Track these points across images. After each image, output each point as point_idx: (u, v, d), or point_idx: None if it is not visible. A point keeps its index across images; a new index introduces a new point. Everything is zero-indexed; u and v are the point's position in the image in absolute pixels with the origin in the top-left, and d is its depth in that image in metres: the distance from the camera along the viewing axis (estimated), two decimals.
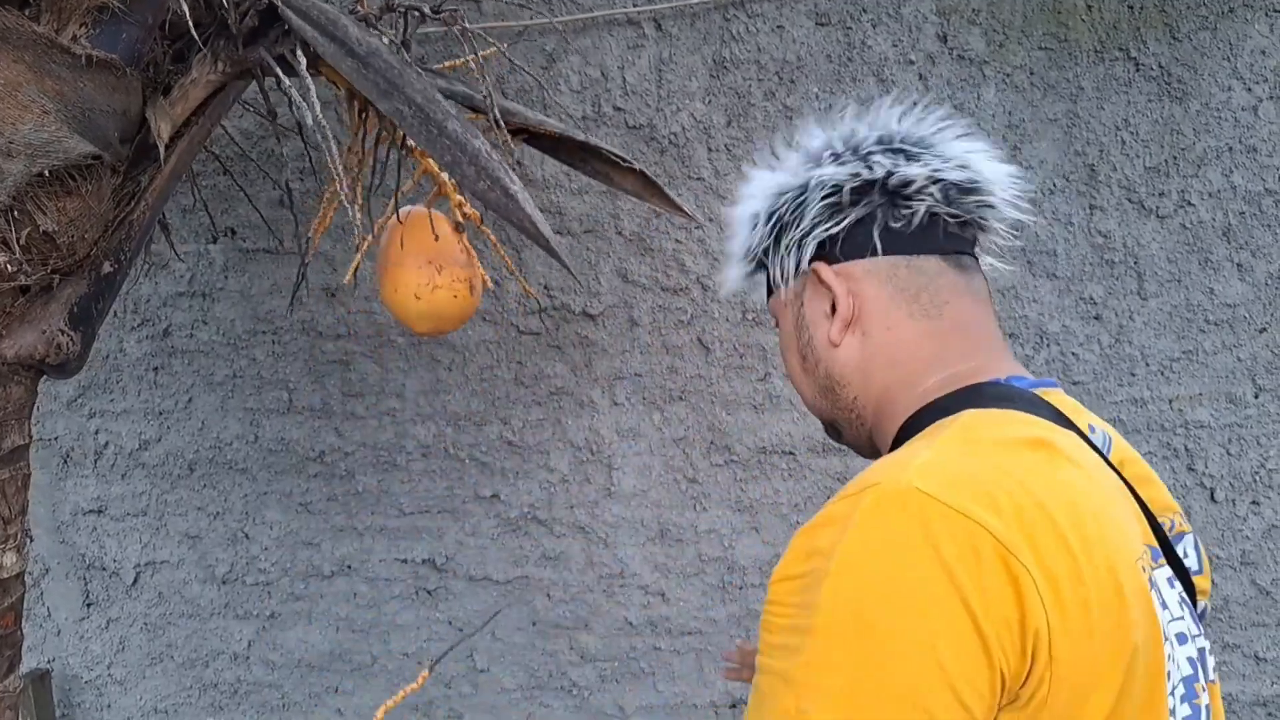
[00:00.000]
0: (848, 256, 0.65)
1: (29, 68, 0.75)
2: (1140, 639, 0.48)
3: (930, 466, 0.50)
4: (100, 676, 1.68)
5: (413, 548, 1.62)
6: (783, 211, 0.67)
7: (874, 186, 0.64)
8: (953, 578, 0.45)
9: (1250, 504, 1.57)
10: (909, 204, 0.63)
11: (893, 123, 0.67)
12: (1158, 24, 1.45)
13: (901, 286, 0.64)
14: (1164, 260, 1.51)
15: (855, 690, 0.45)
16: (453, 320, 1.13)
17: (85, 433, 1.61)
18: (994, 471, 0.50)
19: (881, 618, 0.46)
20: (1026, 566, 0.46)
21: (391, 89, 0.88)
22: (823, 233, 0.65)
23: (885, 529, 0.48)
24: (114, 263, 0.91)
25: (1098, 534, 0.49)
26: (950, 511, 0.47)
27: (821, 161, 0.66)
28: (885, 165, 0.64)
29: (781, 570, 0.52)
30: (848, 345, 0.66)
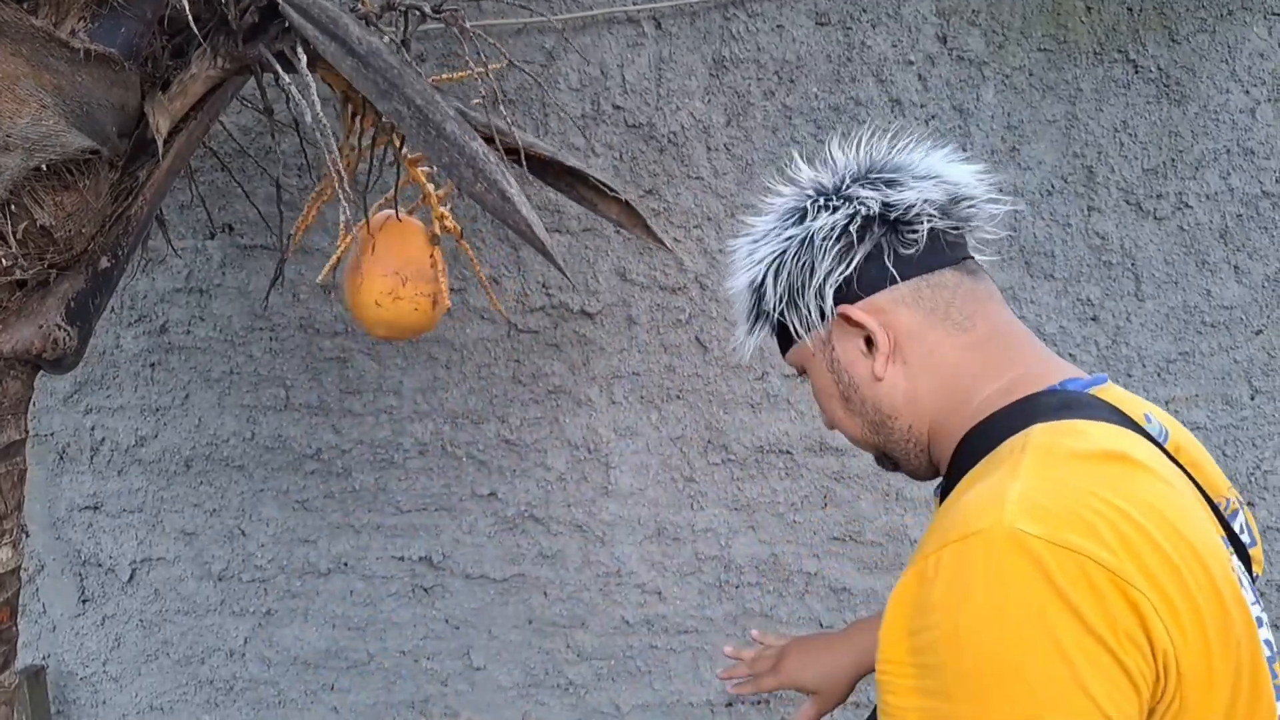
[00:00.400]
0: (869, 291, 0.66)
1: (27, 61, 0.74)
2: (1241, 634, 0.50)
3: (1025, 503, 0.50)
4: (95, 673, 1.67)
5: (409, 545, 1.62)
6: (790, 269, 0.68)
7: (874, 221, 0.66)
8: (1082, 617, 0.46)
9: (1246, 505, 1.58)
10: (911, 228, 0.65)
11: (855, 158, 0.69)
12: (1157, 26, 1.45)
13: (930, 307, 0.65)
14: (1161, 262, 1.52)
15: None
16: (409, 331, 1.14)
17: (81, 429, 1.60)
18: (1086, 496, 0.50)
19: (1028, 666, 0.46)
20: (1142, 591, 0.47)
21: (391, 89, 0.88)
22: (839, 277, 0.66)
23: (1004, 578, 0.48)
24: (111, 258, 0.90)
25: (1189, 541, 0.50)
26: (1060, 550, 0.48)
27: (808, 214, 0.68)
28: (876, 198, 0.65)
29: (894, 627, 0.52)
30: (892, 377, 0.66)
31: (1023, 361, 0.64)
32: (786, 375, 1.56)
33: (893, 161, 0.68)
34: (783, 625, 1.62)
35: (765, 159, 1.50)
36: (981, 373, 0.64)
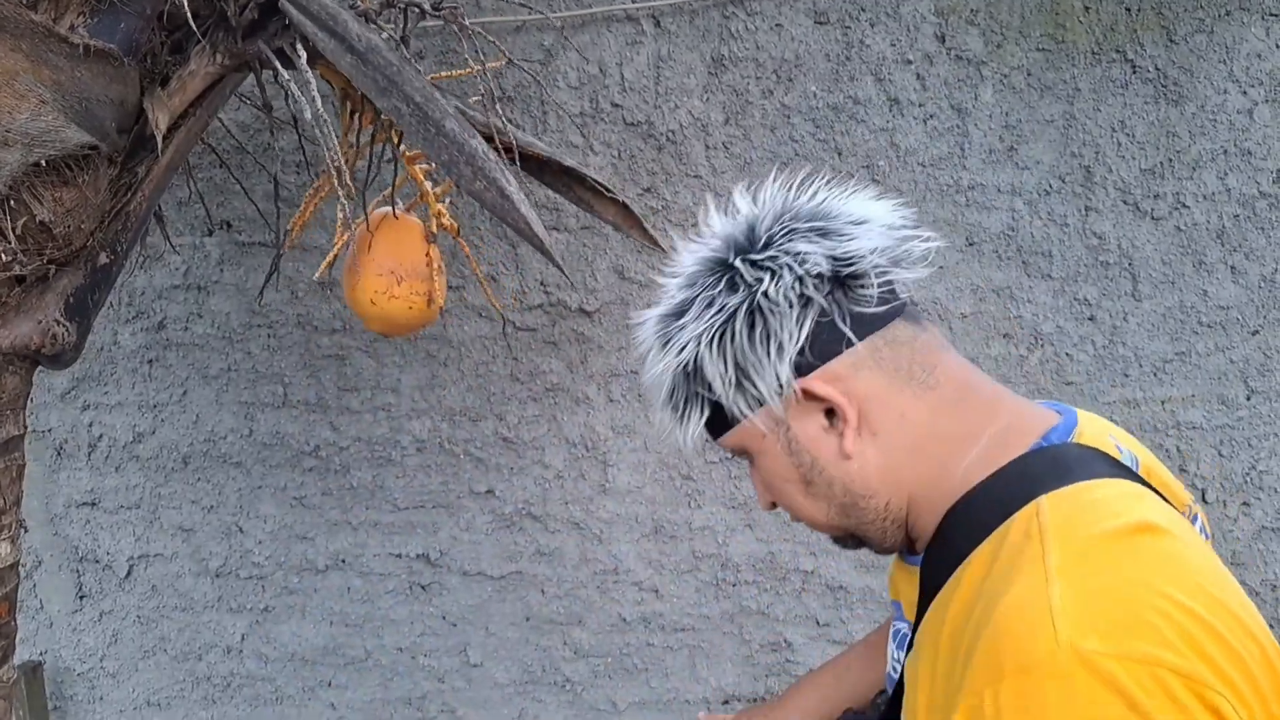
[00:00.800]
0: (823, 359, 0.58)
1: (26, 56, 0.74)
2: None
3: (1077, 614, 0.46)
4: (93, 669, 1.67)
5: (407, 543, 1.62)
6: (740, 343, 0.58)
7: (823, 278, 0.58)
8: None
9: (1241, 505, 1.58)
10: (862, 282, 0.58)
11: (771, 207, 0.62)
12: (1155, 26, 1.45)
13: (892, 367, 0.59)
14: (1158, 262, 1.52)
15: None
16: (405, 328, 1.15)
17: (79, 425, 1.60)
18: (1137, 591, 0.47)
19: None
20: (1218, 690, 0.45)
21: (390, 86, 0.88)
22: (794, 348, 0.58)
23: (1081, 710, 0.44)
24: (110, 254, 0.90)
25: (1234, 613, 0.48)
26: (1133, 665, 0.44)
27: (741, 276, 0.59)
28: (819, 251, 0.58)
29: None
30: (862, 452, 0.59)
31: (997, 415, 0.59)
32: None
33: (818, 209, 0.61)
34: (779, 624, 1.62)
35: (764, 157, 1.50)
36: (959, 434, 0.58)
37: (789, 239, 0.59)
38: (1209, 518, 1.59)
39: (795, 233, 0.59)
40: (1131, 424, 1.56)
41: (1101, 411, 1.56)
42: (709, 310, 0.60)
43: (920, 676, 0.55)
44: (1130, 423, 1.56)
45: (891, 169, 1.50)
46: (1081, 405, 1.58)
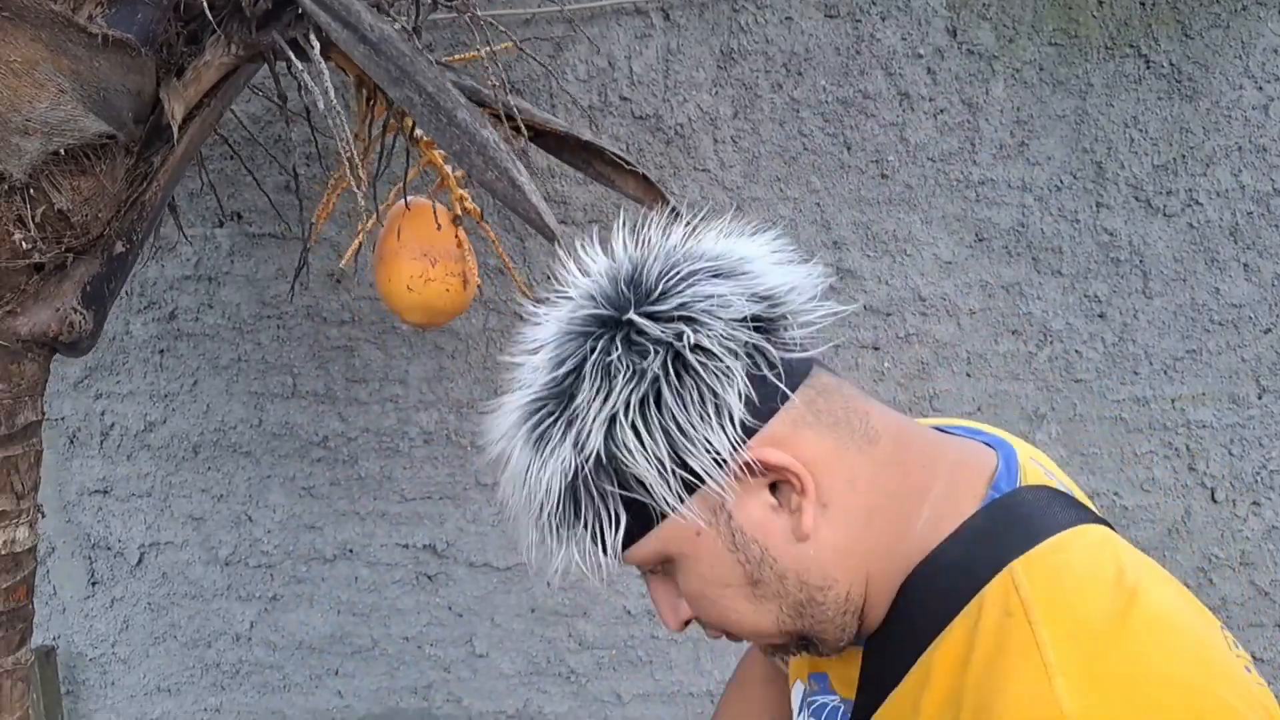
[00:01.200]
0: (763, 419, 0.49)
1: (46, 46, 0.75)
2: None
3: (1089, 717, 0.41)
4: (104, 654, 1.69)
5: (414, 533, 1.64)
6: (674, 416, 0.47)
7: (745, 323, 0.48)
8: None
9: (1251, 504, 1.58)
10: (785, 323, 0.50)
11: (654, 255, 0.52)
12: (1169, 21, 1.44)
13: (831, 420, 0.50)
14: (1170, 259, 1.51)
15: None
16: (444, 314, 1.14)
17: (91, 414, 1.62)
18: (1142, 682, 0.42)
19: None
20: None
21: (403, 76, 0.88)
22: (739, 409, 0.47)
23: None
24: (126, 243, 0.91)
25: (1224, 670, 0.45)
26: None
27: (644, 334, 0.48)
28: (739, 292, 0.49)
29: None
30: (817, 533, 0.50)
31: (938, 464, 0.52)
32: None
33: (700, 249, 0.52)
34: None
35: (772, 151, 1.50)
36: (907, 491, 0.51)
37: (690, 282, 0.49)
38: (1219, 517, 1.58)
39: (695, 275, 0.50)
40: (1140, 422, 1.56)
41: (1110, 410, 1.56)
42: (616, 381, 0.48)
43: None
44: (1139, 420, 1.56)
45: (901, 164, 1.49)
46: (1090, 403, 1.58)
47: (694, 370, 0.47)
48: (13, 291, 0.86)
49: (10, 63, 0.75)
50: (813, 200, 1.51)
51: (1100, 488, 1.57)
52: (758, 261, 0.52)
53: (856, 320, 1.54)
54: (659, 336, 0.48)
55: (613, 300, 0.51)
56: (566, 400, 0.50)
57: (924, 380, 1.55)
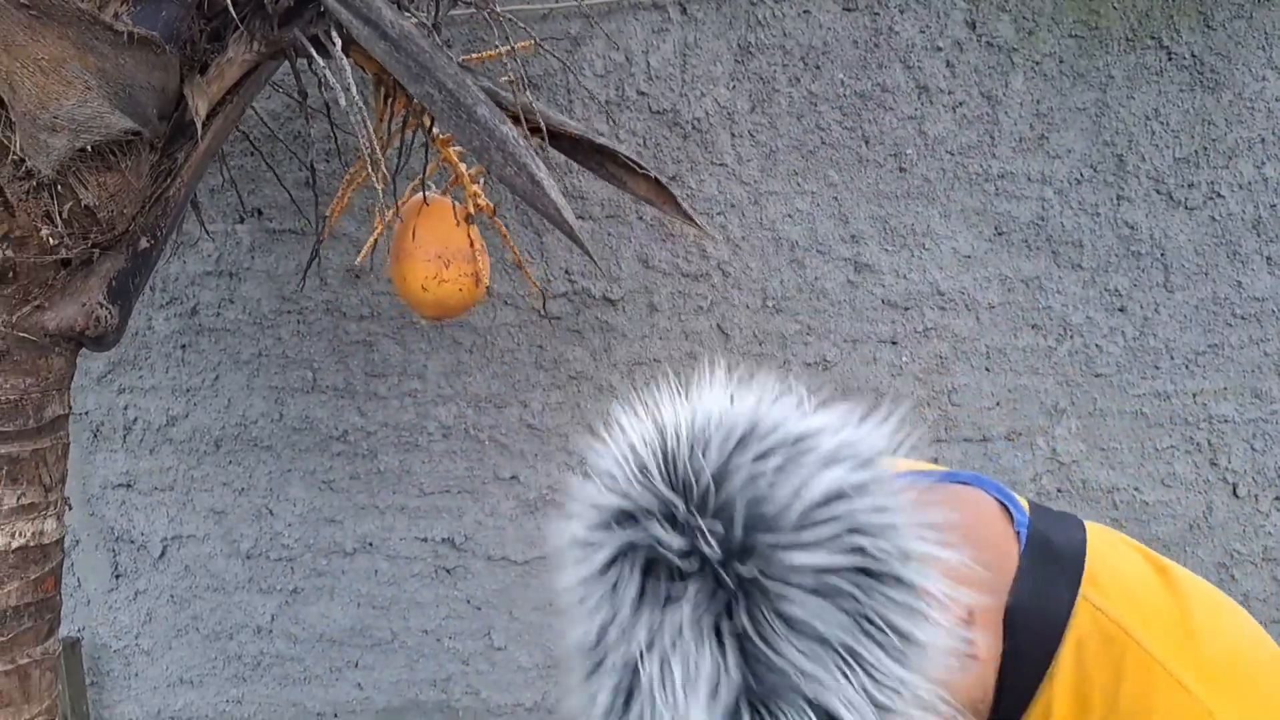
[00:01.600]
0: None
1: (73, 44, 0.76)
2: None
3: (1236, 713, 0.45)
4: (128, 646, 1.72)
5: (433, 527, 1.65)
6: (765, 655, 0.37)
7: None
8: None
9: (1273, 500, 1.56)
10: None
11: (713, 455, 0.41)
12: (1191, 12, 1.43)
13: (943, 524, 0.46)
14: (1191, 252, 1.50)
15: None
16: (456, 310, 1.17)
17: (115, 408, 1.64)
18: (1252, 666, 0.48)
19: None
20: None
21: (423, 73, 0.89)
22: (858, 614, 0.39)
23: None
24: (151, 239, 0.92)
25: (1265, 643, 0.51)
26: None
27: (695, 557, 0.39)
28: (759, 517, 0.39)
29: None
30: (975, 645, 0.49)
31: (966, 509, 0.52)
32: (807, 364, 1.56)
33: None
34: None
35: (790, 146, 1.49)
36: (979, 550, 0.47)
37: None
38: (1241, 513, 1.57)
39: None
40: (1162, 416, 1.54)
41: (1131, 404, 1.55)
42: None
43: None
44: (1161, 415, 1.54)
45: (920, 157, 1.48)
46: (1111, 397, 1.57)
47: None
48: (40, 287, 0.87)
49: (38, 60, 0.76)
50: (830, 194, 1.51)
51: (1121, 483, 1.56)
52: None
53: (875, 314, 1.53)
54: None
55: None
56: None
57: (943, 375, 1.55)
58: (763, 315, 1.55)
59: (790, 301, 1.54)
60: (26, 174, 0.79)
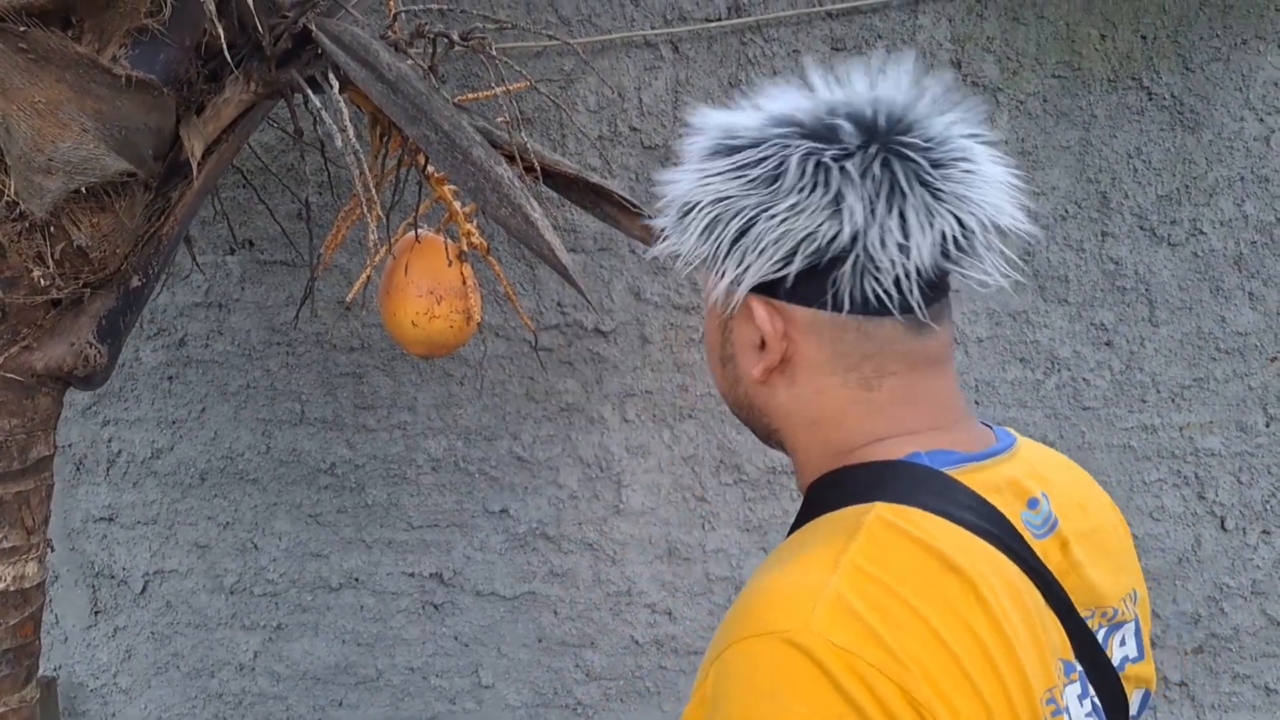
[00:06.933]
0: (792, 300, 0.54)
1: (70, 87, 0.76)
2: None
3: (835, 610, 0.44)
4: (106, 685, 1.68)
5: (420, 561, 1.63)
6: (725, 227, 0.53)
7: (841, 248, 0.51)
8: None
9: (1261, 533, 1.57)
10: (880, 279, 0.51)
11: (894, 99, 0.54)
12: (1170, 54, 1.46)
13: (843, 352, 0.54)
14: (1175, 288, 1.52)
15: None
16: (447, 347, 1.16)
17: (99, 440, 1.61)
18: (902, 608, 0.45)
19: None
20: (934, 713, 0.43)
21: (419, 115, 0.90)
22: (775, 272, 0.52)
23: (794, 684, 0.43)
24: (142, 277, 0.92)
25: (1015, 678, 0.46)
26: (864, 666, 0.43)
27: (782, 173, 0.51)
28: (866, 219, 0.50)
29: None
30: (776, 387, 0.57)
31: (907, 422, 0.55)
32: None
33: (944, 159, 0.53)
34: None
35: None
36: (860, 430, 0.55)
37: (890, 158, 0.52)
38: (1229, 546, 1.57)
39: (889, 159, 0.51)
40: (1149, 450, 1.56)
41: (1119, 438, 1.56)
42: (756, 173, 0.52)
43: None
44: (1148, 449, 1.56)
45: None
46: (1099, 431, 1.58)
47: (770, 225, 0.52)
48: (29, 327, 0.86)
49: (34, 103, 0.76)
50: None
51: None
52: (927, 191, 0.52)
53: None
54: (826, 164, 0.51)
55: (853, 141, 0.52)
56: (743, 157, 0.54)
57: None
58: None
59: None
60: (19, 215, 0.79)
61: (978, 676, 0.44)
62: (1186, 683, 1.60)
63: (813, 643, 0.43)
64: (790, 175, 0.51)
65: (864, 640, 0.43)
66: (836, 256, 0.51)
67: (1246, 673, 1.60)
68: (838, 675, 0.42)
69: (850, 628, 0.44)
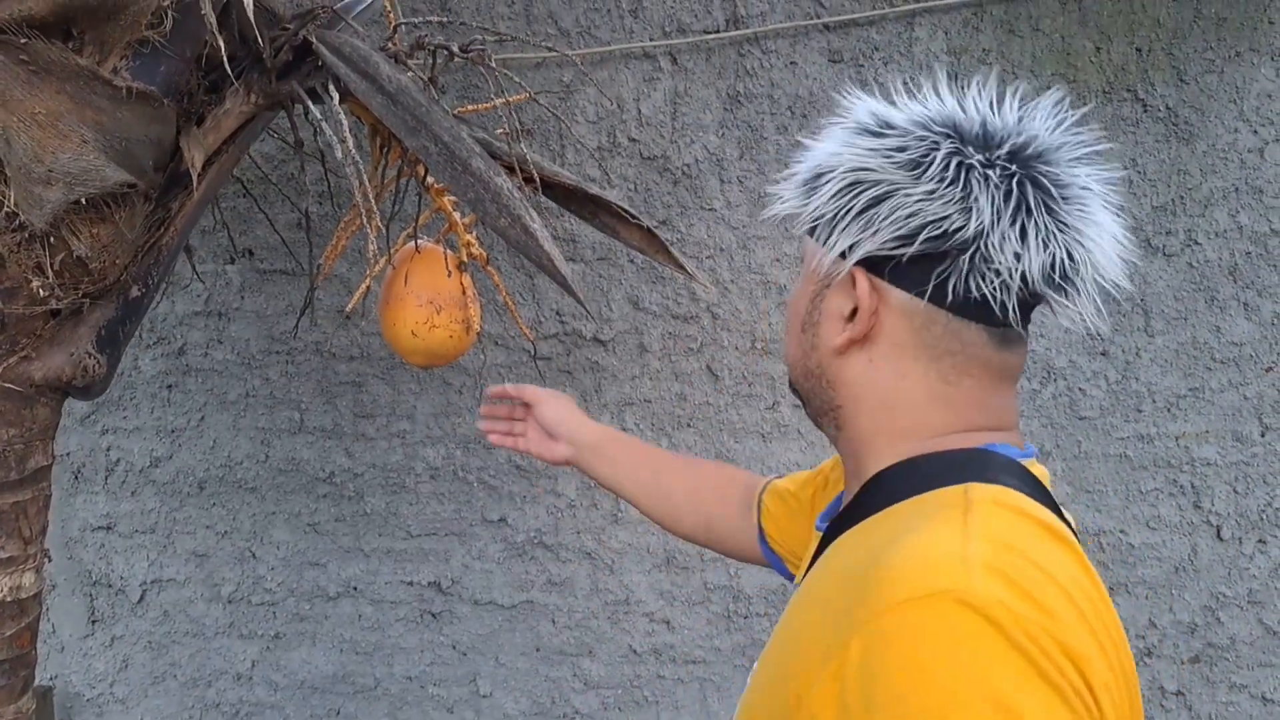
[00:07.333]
0: (893, 280, 0.57)
1: (70, 99, 0.77)
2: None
3: (990, 568, 0.45)
4: (102, 694, 1.67)
5: (419, 570, 1.62)
6: (859, 196, 0.56)
7: (961, 242, 0.54)
8: (1059, 689, 0.43)
9: (1257, 542, 1.58)
10: (988, 279, 0.54)
11: (1034, 128, 0.56)
12: (1165, 67, 1.48)
13: (929, 342, 0.57)
14: (1171, 298, 1.53)
15: None
16: (446, 357, 1.16)
17: (97, 449, 1.61)
18: (1040, 573, 0.46)
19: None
20: (1094, 672, 0.45)
21: (419, 126, 0.90)
22: (889, 250, 0.55)
23: (967, 643, 0.43)
24: (142, 287, 0.92)
25: (1117, 634, 0.49)
26: (1029, 624, 0.44)
27: (928, 161, 0.54)
28: (993, 220, 0.53)
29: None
30: (852, 361, 0.59)
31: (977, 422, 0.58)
32: (797, 405, 1.57)
33: (1063, 178, 0.55)
34: None
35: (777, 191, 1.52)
36: (939, 419, 0.57)
37: (1014, 172, 0.55)
38: (1225, 555, 1.58)
39: (1009, 176, 0.54)
40: (1145, 459, 1.56)
41: (1115, 447, 1.57)
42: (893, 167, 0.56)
43: (798, 620, 0.54)
44: (1144, 458, 1.56)
45: None
46: (1095, 440, 1.59)
47: (895, 210, 0.55)
48: (28, 337, 0.86)
49: (35, 114, 0.77)
50: None
51: (1106, 525, 1.57)
52: (1044, 212, 0.55)
53: None
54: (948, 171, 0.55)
55: (955, 160, 0.55)
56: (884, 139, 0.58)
57: None
58: (751, 357, 1.56)
59: (778, 344, 1.55)
60: (19, 226, 0.79)
61: (1101, 634, 0.46)
62: (1183, 692, 1.60)
63: (984, 601, 0.43)
64: (935, 166, 0.55)
65: (1022, 599, 0.44)
66: (954, 249, 0.54)
67: (1243, 682, 1.60)
68: (1011, 631, 0.43)
69: (1008, 588, 0.44)
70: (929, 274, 0.55)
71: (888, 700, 0.43)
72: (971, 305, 0.55)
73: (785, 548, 0.87)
